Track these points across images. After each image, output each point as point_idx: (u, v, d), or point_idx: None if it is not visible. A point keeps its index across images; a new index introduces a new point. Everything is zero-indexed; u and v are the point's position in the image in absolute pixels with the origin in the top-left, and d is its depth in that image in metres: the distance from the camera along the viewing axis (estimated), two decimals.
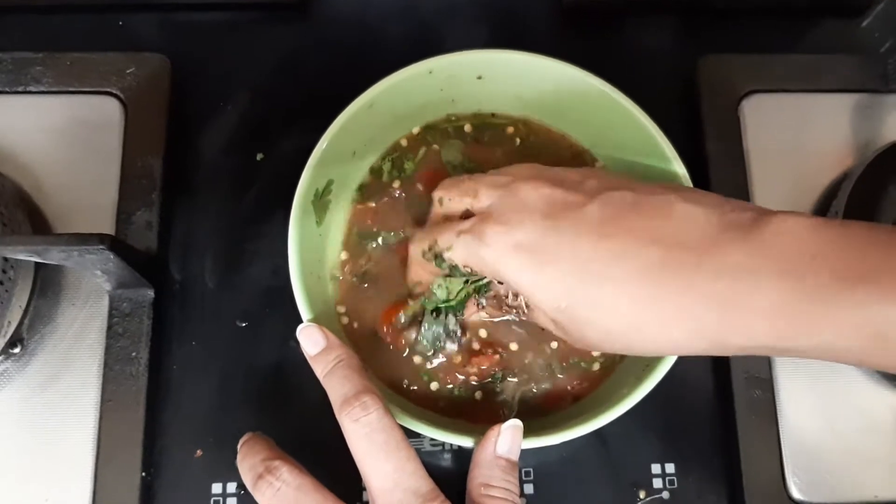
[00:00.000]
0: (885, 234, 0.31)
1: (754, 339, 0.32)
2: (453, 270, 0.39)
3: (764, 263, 0.31)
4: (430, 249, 0.39)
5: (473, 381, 0.42)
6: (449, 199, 0.40)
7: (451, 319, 0.42)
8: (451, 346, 0.42)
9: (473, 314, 0.42)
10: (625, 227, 0.34)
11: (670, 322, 0.33)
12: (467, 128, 0.46)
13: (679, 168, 0.41)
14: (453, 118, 0.46)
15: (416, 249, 0.41)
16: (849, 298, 0.29)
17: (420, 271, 0.41)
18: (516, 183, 0.37)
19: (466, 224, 0.37)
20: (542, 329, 0.40)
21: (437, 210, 0.41)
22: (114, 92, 0.48)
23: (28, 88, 0.48)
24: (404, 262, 0.43)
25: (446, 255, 0.38)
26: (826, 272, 0.30)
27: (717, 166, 0.49)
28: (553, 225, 0.35)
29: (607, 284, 0.33)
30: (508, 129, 0.47)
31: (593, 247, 0.33)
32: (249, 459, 0.35)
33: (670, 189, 0.35)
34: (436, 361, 0.42)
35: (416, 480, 0.34)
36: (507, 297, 0.40)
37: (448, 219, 0.40)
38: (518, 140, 0.46)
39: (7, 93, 0.48)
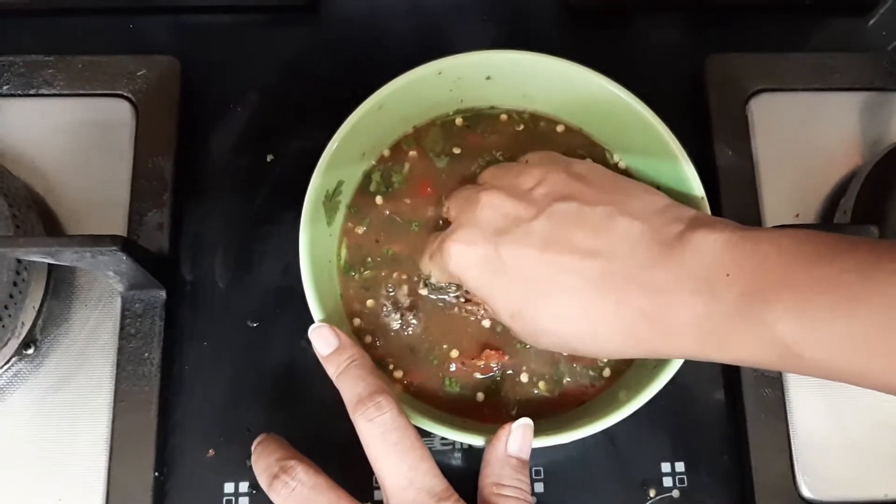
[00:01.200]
0: (797, 244, 0.32)
1: (681, 351, 0.34)
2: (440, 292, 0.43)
3: (684, 283, 0.33)
4: (424, 285, 0.43)
5: (478, 375, 0.42)
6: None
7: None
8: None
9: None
10: (565, 243, 0.36)
11: (607, 333, 0.35)
12: (458, 121, 0.47)
13: (687, 167, 0.41)
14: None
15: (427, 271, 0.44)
16: (752, 317, 0.31)
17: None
18: (477, 197, 0.39)
19: (434, 245, 0.41)
20: None
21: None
22: (125, 94, 0.49)
23: (40, 91, 0.49)
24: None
25: (431, 281, 0.42)
26: (735, 289, 0.32)
27: (725, 165, 0.49)
28: (503, 240, 0.37)
29: (551, 296, 0.36)
30: (502, 116, 0.47)
31: (537, 260, 0.36)
32: (264, 459, 0.35)
33: (616, 197, 0.37)
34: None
35: (430, 479, 0.34)
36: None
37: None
38: (519, 127, 0.47)
39: (19, 96, 0.49)
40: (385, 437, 0.34)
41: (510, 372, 0.42)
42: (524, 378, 0.42)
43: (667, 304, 0.33)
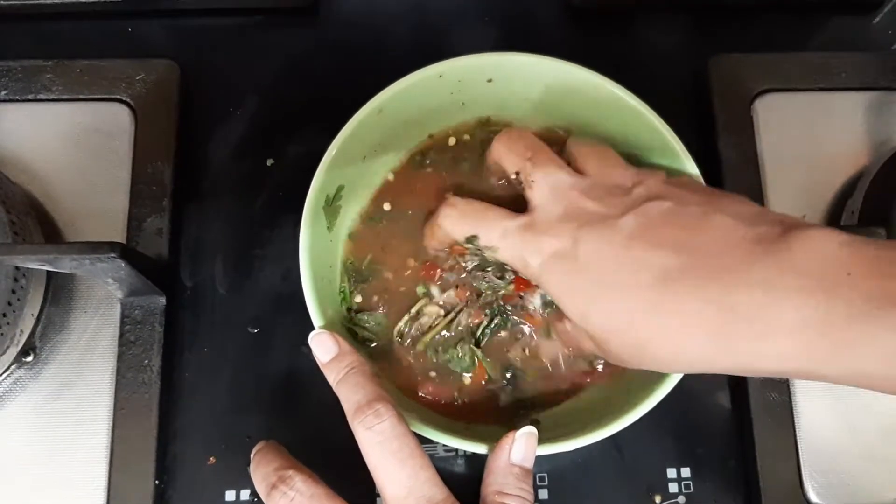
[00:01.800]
0: None
1: (777, 359, 0.30)
2: (483, 261, 0.40)
3: (791, 278, 0.29)
4: (470, 241, 0.39)
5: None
6: (508, 166, 0.40)
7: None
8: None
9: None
10: (653, 239, 0.33)
11: (684, 333, 0.32)
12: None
13: (692, 168, 0.41)
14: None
15: (453, 228, 0.40)
16: (884, 321, 0.28)
17: (443, 239, 0.41)
18: (564, 189, 0.37)
19: (511, 225, 0.38)
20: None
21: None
22: (123, 99, 0.48)
23: (38, 96, 0.49)
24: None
25: (488, 253, 0.39)
26: (859, 292, 0.28)
27: (730, 166, 0.48)
28: (586, 236, 0.35)
29: (623, 293, 0.33)
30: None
31: (616, 257, 0.33)
32: (263, 469, 0.35)
33: (713, 200, 0.35)
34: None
35: (430, 488, 0.33)
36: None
37: (488, 206, 0.40)
38: None
39: (17, 101, 0.49)
40: (384, 445, 0.34)
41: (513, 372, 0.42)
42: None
43: (768, 303, 0.29)
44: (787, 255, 0.30)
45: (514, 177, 0.39)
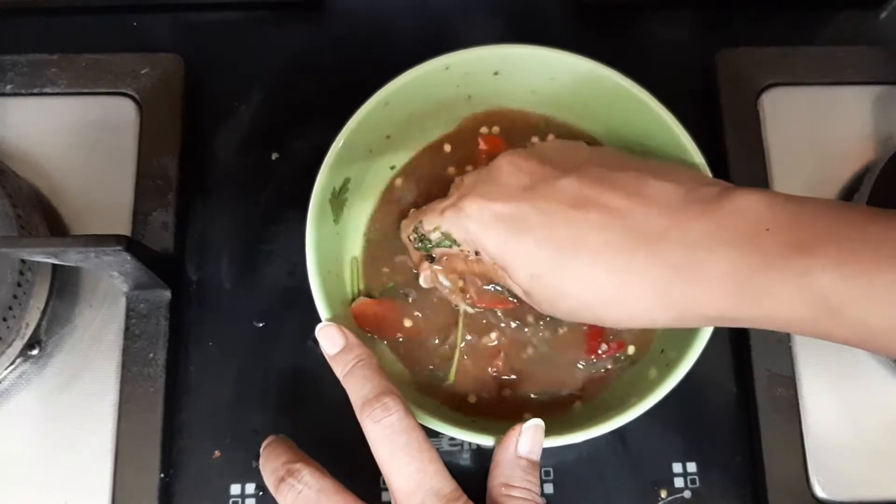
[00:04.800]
0: (838, 208, 0.32)
1: (711, 308, 0.33)
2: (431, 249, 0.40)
3: (721, 236, 0.32)
4: (414, 231, 0.40)
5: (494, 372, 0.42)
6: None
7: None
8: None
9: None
10: (598, 200, 0.34)
11: (637, 292, 0.34)
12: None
13: (698, 160, 0.41)
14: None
15: (403, 235, 0.42)
16: (792, 267, 0.30)
17: (415, 256, 0.42)
18: (497, 161, 0.38)
19: (448, 201, 0.39)
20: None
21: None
22: (128, 93, 0.48)
23: (43, 90, 0.48)
24: None
25: (433, 235, 0.39)
26: (775, 243, 0.31)
27: (736, 160, 0.48)
28: (529, 196, 0.36)
29: (581, 254, 0.34)
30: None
31: (566, 217, 0.34)
32: (271, 462, 0.35)
33: (646, 168, 0.37)
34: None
35: (438, 481, 0.33)
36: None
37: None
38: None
39: (23, 95, 0.48)
40: (393, 438, 0.34)
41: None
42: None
43: (701, 259, 0.32)
44: (720, 214, 0.33)
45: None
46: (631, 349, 0.42)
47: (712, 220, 0.33)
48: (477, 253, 0.38)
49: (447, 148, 0.46)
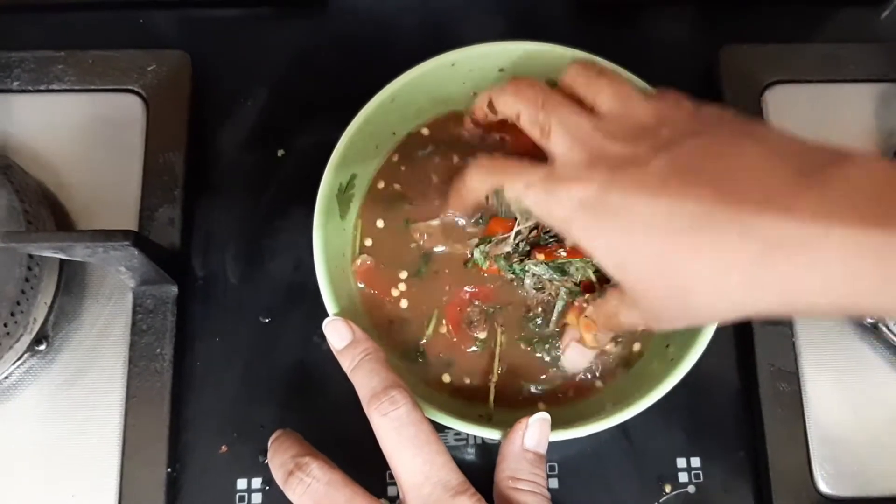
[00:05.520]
0: None
1: (823, 292, 0.28)
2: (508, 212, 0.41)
3: (839, 206, 0.27)
4: (495, 194, 0.38)
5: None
6: (525, 118, 0.37)
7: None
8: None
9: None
10: (687, 178, 0.31)
11: (726, 271, 0.30)
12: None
13: None
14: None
15: (478, 185, 0.39)
16: None
17: (467, 198, 0.40)
18: (585, 134, 0.35)
19: (535, 177, 0.35)
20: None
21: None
22: (135, 89, 0.49)
23: (50, 87, 0.49)
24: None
25: (514, 206, 0.38)
26: None
27: None
28: (615, 181, 0.32)
29: (657, 238, 0.31)
30: None
31: (649, 202, 0.31)
32: (280, 456, 0.35)
33: (746, 129, 0.33)
34: None
35: (446, 473, 0.34)
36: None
37: (511, 159, 0.38)
38: None
39: (30, 91, 0.49)
40: (400, 431, 0.34)
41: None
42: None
43: (817, 234, 0.27)
44: (836, 184, 0.28)
45: (526, 127, 0.37)
46: (636, 345, 0.43)
47: (825, 188, 0.28)
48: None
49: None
